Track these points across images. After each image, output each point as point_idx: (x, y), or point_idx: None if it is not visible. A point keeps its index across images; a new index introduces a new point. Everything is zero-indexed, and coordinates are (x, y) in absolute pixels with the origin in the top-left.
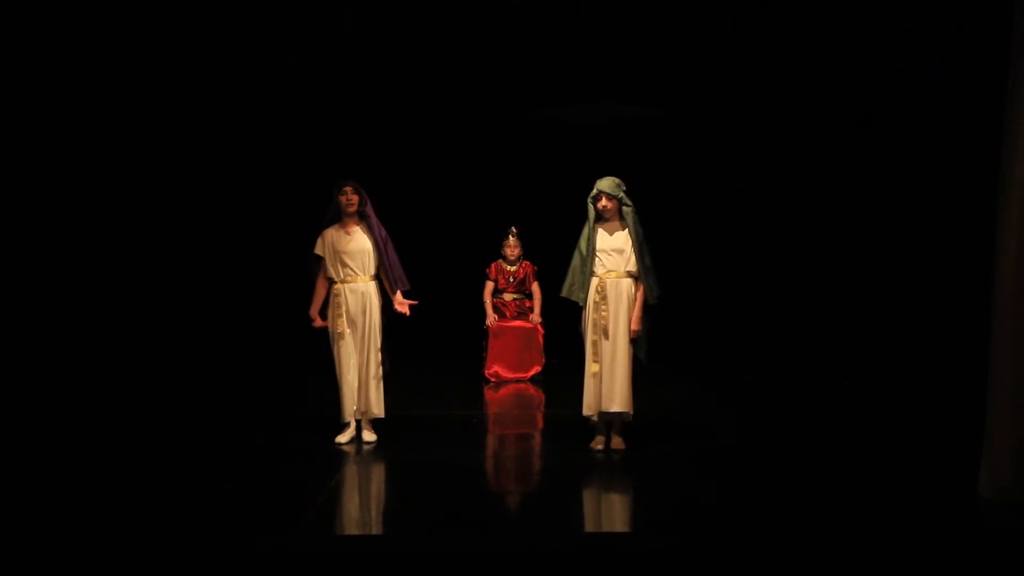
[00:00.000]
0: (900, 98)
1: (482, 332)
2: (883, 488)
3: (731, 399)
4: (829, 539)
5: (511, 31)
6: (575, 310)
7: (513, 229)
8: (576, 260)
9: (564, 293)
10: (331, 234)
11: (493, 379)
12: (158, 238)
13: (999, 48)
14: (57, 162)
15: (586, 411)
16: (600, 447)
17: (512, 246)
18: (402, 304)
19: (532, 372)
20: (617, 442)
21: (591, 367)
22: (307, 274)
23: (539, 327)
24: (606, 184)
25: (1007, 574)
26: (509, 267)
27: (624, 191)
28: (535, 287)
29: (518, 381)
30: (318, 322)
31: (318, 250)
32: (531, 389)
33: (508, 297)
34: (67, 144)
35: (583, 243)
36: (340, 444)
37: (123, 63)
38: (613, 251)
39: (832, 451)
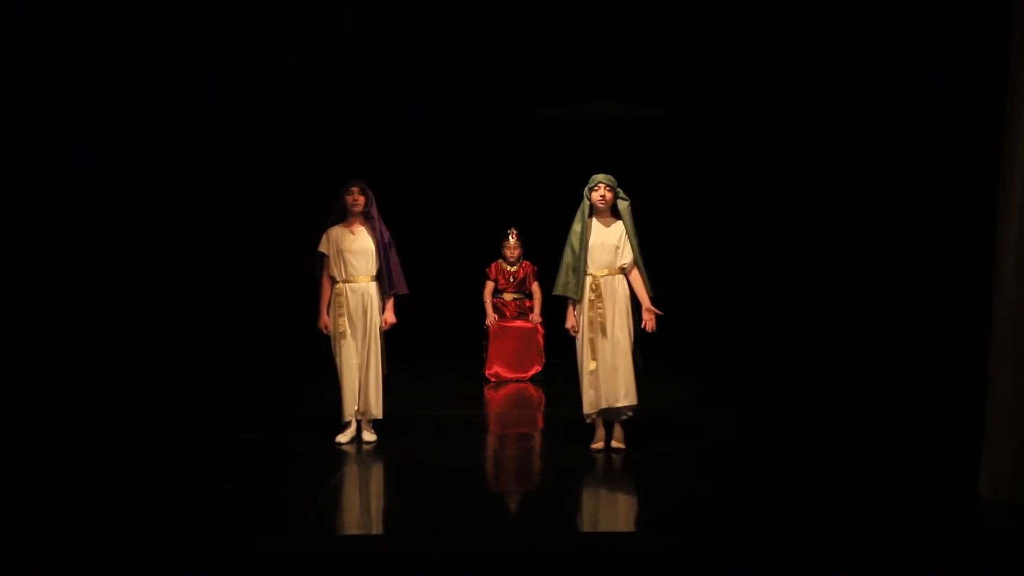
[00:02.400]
0: (900, 98)
1: (482, 332)
2: (883, 488)
3: (731, 399)
4: (829, 539)
5: (511, 31)
6: None
7: (513, 230)
8: (568, 257)
9: (558, 291)
10: (336, 232)
11: (493, 379)
12: (158, 238)
13: (999, 48)
14: (57, 162)
15: (587, 409)
16: (600, 447)
17: (512, 247)
18: (387, 323)
19: (532, 372)
20: (618, 441)
21: (588, 365)
22: (310, 273)
23: (539, 327)
24: (605, 176)
25: (1007, 574)
26: (509, 267)
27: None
28: (535, 287)
29: (518, 381)
30: (325, 322)
31: (322, 247)
32: (531, 389)
33: (508, 297)
34: (67, 144)
35: (575, 239)
36: (340, 444)
37: (123, 63)
38: (606, 247)
39: (832, 451)
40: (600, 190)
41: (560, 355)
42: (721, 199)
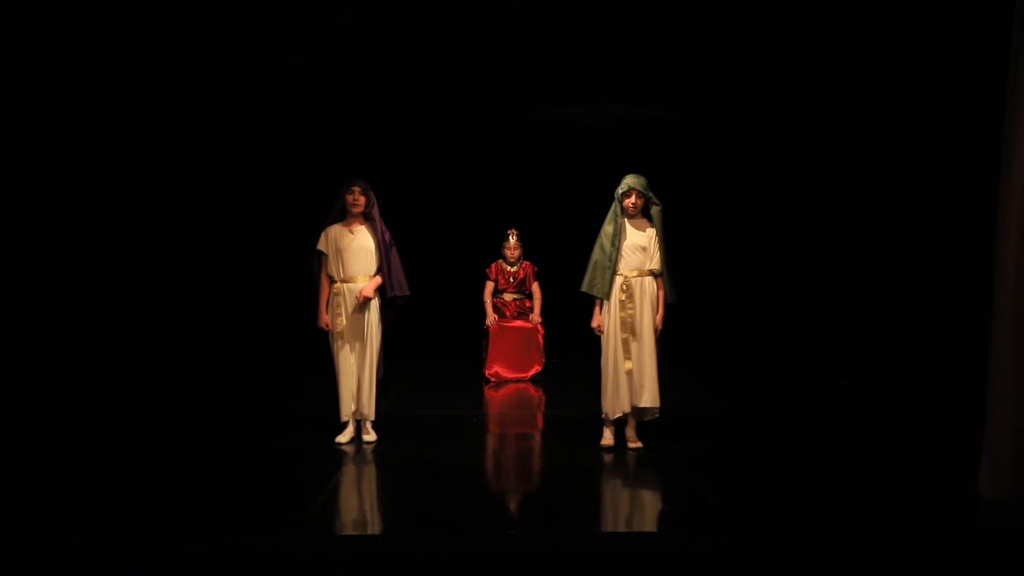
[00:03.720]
0: (899, 98)
1: (482, 332)
2: (883, 488)
3: (730, 399)
4: (829, 539)
5: (512, 31)
6: (577, 310)
7: (513, 230)
8: (597, 255)
9: (585, 288)
10: (335, 231)
11: (493, 379)
12: (158, 238)
13: (999, 48)
14: (57, 162)
15: (616, 410)
16: (611, 444)
17: (512, 247)
18: (362, 295)
19: (532, 372)
20: (634, 440)
21: (624, 364)
22: (310, 272)
23: (539, 327)
24: (638, 182)
25: (1007, 574)
26: (509, 267)
27: (650, 190)
28: (535, 287)
29: (518, 381)
30: (326, 320)
31: (321, 246)
32: (531, 389)
33: (508, 297)
34: (67, 144)
35: (606, 239)
36: (340, 444)
37: (122, 62)
38: (637, 248)
39: (832, 451)
40: (632, 197)
41: (560, 355)
42: (721, 199)
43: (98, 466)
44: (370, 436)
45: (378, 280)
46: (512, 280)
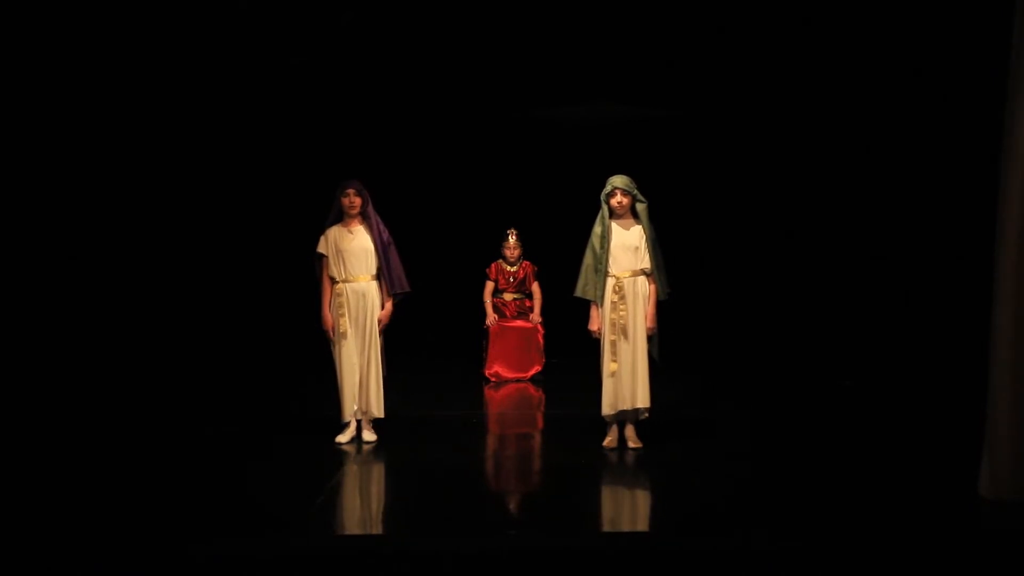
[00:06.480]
0: (900, 98)
1: (482, 332)
2: (883, 488)
3: (731, 400)
4: (830, 539)
5: (511, 30)
6: (577, 310)
7: (513, 230)
8: (589, 259)
9: (578, 293)
10: (334, 233)
11: (493, 379)
12: (157, 239)
13: (1000, 47)
14: (56, 162)
15: (607, 410)
16: (612, 446)
17: (512, 247)
18: (381, 322)
19: (532, 372)
20: (634, 440)
21: (610, 366)
22: (310, 273)
23: (539, 327)
24: (621, 181)
25: (1007, 574)
26: (509, 267)
27: (636, 188)
28: (535, 287)
29: (518, 381)
30: (329, 322)
31: (321, 248)
32: (531, 389)
33: (508, 297)
34: (66, 144)
35: (596, 241)
36: (340, 444)
37: (122, 62)
38: (627, 248)
39: (833, 451)
40: (617, 196)
41: (560, 355)
42: (722, 199)
43: (97, 467)
44: (370, 436)
45: (389, 308)
46: (512, 280)
